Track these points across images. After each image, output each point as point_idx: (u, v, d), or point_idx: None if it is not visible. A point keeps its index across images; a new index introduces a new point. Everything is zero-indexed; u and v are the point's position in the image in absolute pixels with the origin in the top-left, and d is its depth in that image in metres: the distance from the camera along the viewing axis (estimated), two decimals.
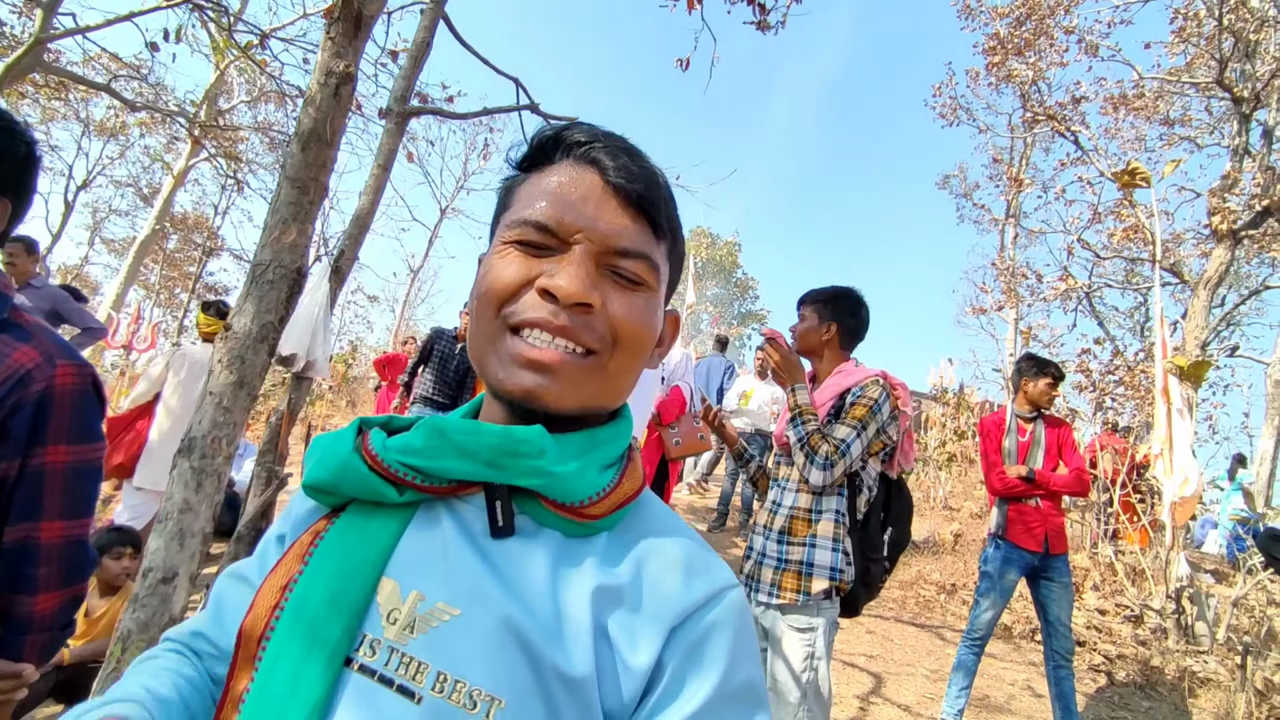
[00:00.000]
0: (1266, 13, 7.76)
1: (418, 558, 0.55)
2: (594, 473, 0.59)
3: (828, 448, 2.18)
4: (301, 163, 1.95)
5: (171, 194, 11.84)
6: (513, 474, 0.55)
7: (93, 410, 1.19)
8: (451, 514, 0.57)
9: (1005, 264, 13.81)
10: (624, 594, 0.54)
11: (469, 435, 0.55)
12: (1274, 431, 11.97)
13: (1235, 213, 7.54)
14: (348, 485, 0.57)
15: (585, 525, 0.57)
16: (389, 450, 0.57)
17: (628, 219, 0.59)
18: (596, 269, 0.58)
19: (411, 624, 0.52)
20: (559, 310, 0.56)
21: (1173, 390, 5.60)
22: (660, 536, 0.60)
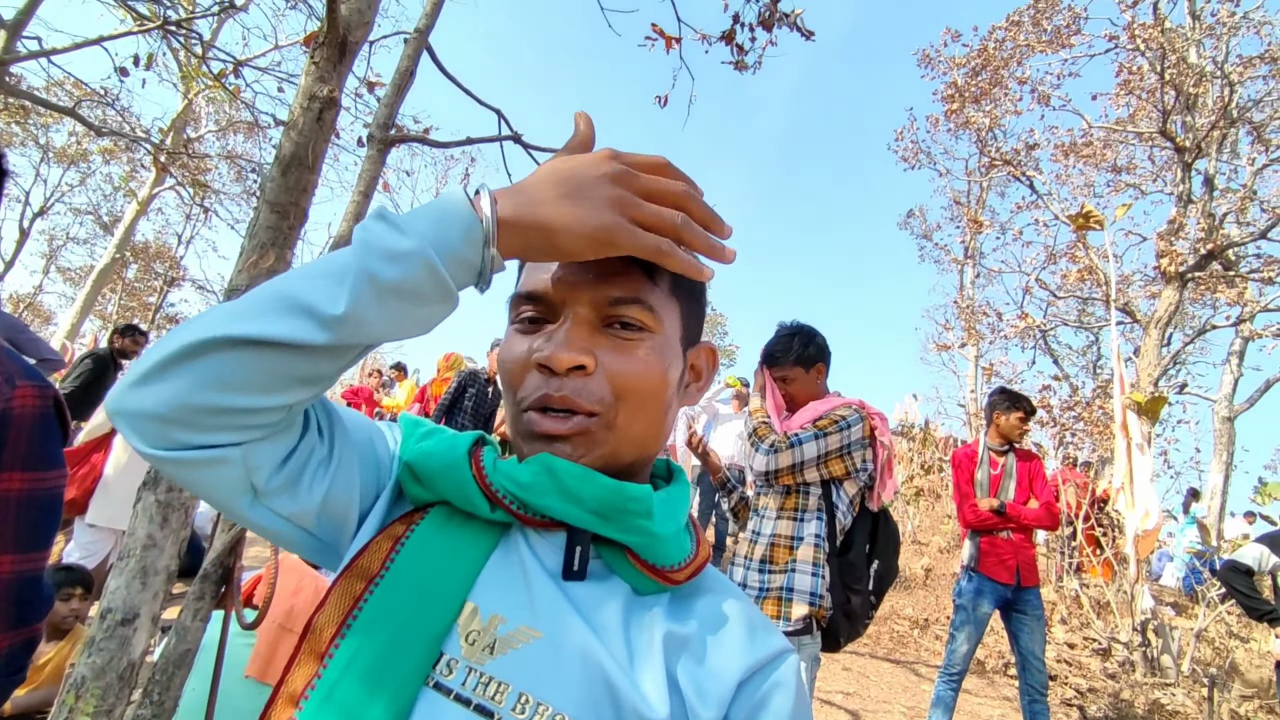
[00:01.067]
0: (1204, 68, 8.25)
1: (497, 581, 0.56)
2: (684, 536, 0.61)
3: (776, 436, 2.24)
4: (282, 187, 1.91)
5: (134, 222, 11.54)
6: (618, 528, 0.56)
7: (53, 435, 1.12)
8: (529, 546, 0.58)
9: (965, 302, 14.20)
10: (691, 646, 0.56)
11: (581, 481, 0.55)
12: (1223, 466, 12.40)
13: (1182, 255, 7.89)
14: (445, 484, 0.58)
15: (662, 587, 0.58)
16: (498, 470, 0.57)
17: (614, 268, 0.59)
18: (592, 330, 0.59)
19: (491, 645, 0.52)
20: (559, 383, 0.57)
21: (1132, 425, 5.77)
22: (721, 596, 0.61)
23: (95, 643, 1.56)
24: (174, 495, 1.68)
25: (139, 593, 1.60)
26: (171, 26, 4.27)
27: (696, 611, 0.59)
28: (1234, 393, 12.94)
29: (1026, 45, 9.71)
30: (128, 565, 1.60)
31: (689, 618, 0.58)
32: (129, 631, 1.59)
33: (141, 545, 1.62)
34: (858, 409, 2.33)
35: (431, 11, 2.53)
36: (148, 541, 1.63)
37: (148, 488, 1.67)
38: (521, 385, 0.59)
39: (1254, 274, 7.97)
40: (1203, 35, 8.37)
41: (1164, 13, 8.29)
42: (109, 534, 3.55)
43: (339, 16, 1.96)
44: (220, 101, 11.45)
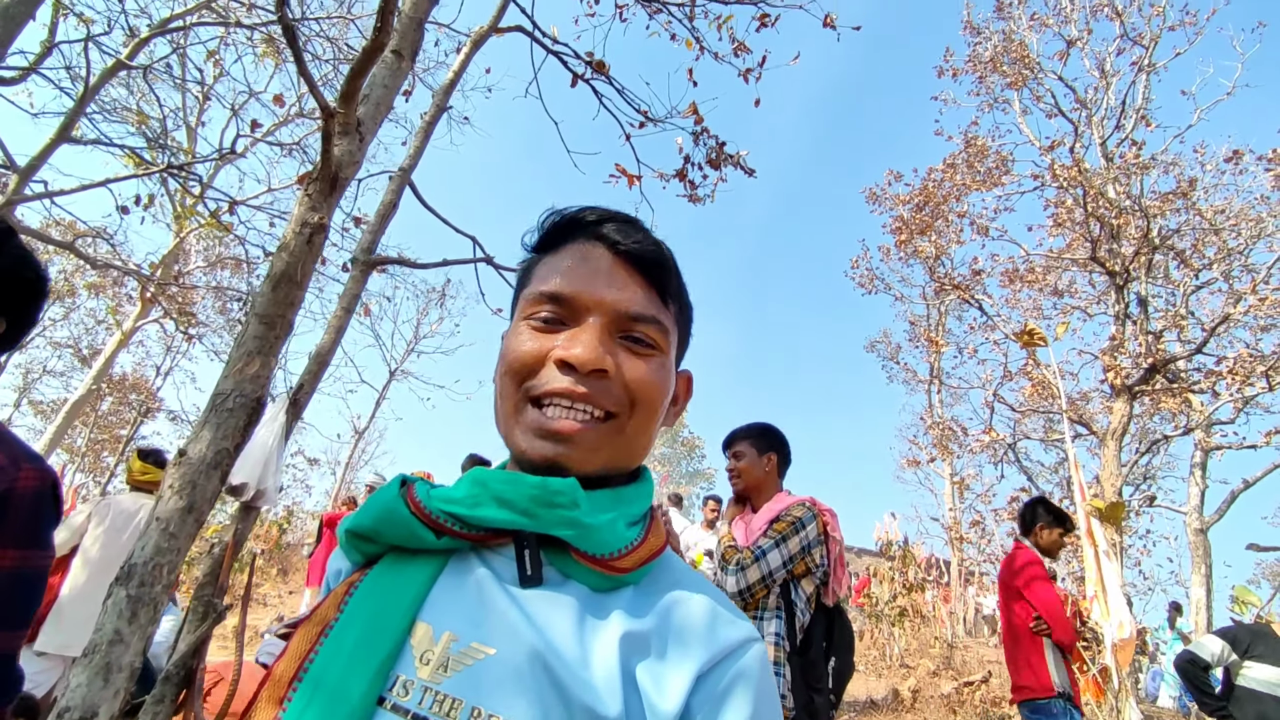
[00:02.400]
0: (1122, 202, 9.10)
1: (451, 601, 0.57)
2: (622, 527, 0.62)
3: (741, 554, 2.30)
4: (271, 300, 2.10)
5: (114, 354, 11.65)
6: (547, 523, 0.57)
7: (48, 516, 1.20)
8: (483, 563, 0.60)
9: (934, 420, 14.54)
10: (650, 641, 0.56)
11: (508, 485, 0.58)
12: (1203, 580, 12.32)
13: (1126, 370, 8.32)
14: (388, 529, 0.60)
15: (612, 578, 0.59)
16: (432, 498, 0.60)
17: (636, 286, 0.64)
18: (610, 338, 0.63)
19: (445, 663, 0.53)
20: (578, 379, 0.60)
21: (1096, 532, 5.86)
22: (685, 589, 0.62)
23: None
24: (145, 590, 1.73)
25: (100, 690, 1.61)
26: (174, 169, 4.63)
27: (658, 607, 0.59)
28: (1202, 504, 13.10)
29: (963, 184, 10.67)
30: (92, 661, 1.62)
31: (650, 614, 0.58)
32: None
33: (108, 640, 1.65)
34: (809, 506, 2.43)
35: (414, 154, 2.86)
36: (114, 637, 1.66)
37: (120, 583, 1.71)
38: (534, 377, 0.62)
39: (1194, 385, 8.40)
40: (1117, 174, 9.30)
41: (1080, 155, 9.25)
42: (59, 662, 3.40)
43: (332, 156, 2.25)
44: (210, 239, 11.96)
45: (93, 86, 4.43)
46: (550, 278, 0.65)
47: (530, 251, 0.72)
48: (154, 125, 6.34)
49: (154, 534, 1.76)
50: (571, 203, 0.72)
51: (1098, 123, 10.12)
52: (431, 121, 3.06)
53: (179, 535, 1.80)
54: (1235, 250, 9.99)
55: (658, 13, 4.02)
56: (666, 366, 0.67)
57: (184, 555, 1.82)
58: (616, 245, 0.66)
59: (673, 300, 0.69)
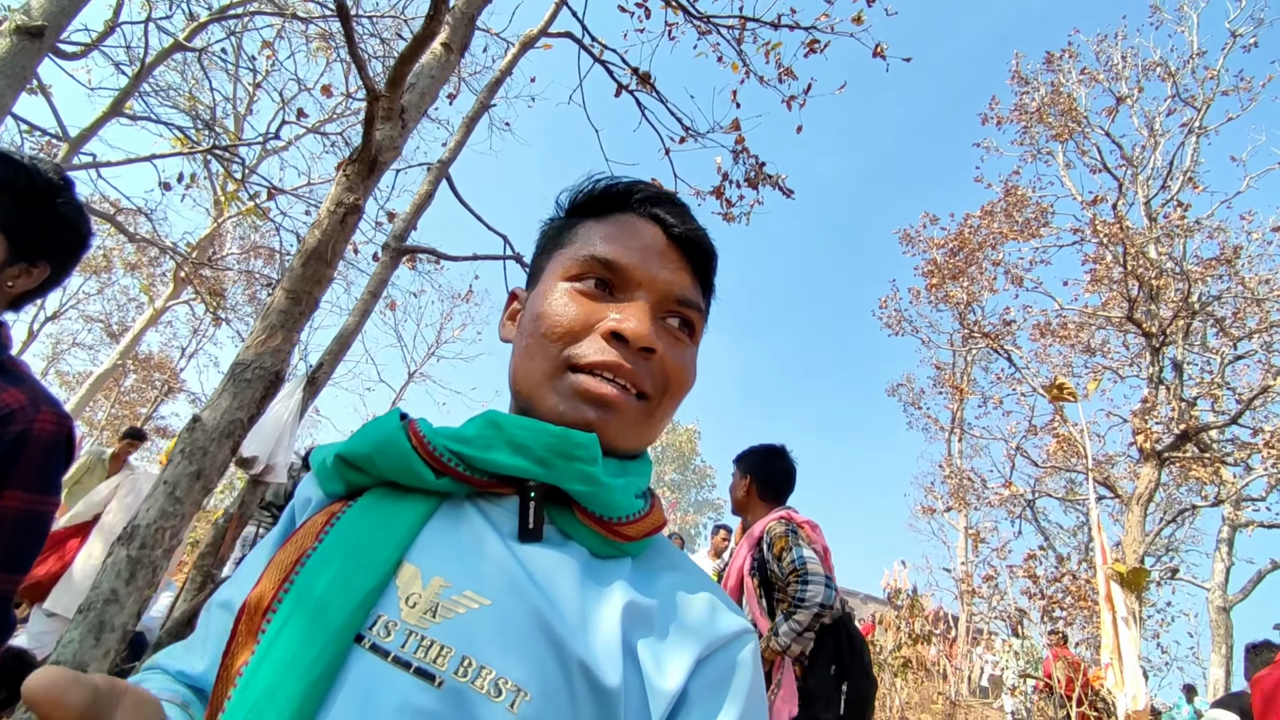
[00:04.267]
0: (1164, 264, 8.94)
1: (442, 546, 0.54)
2: (631, 495, 0.60)
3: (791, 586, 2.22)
4: (300, 276, 2.10)
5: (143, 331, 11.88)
6: (563, 475, 0.55)
7: (59, 463, 1.19)
8: (479, 512, 0.57)
9: (953, 469, 14.26)
10: (653, 617, 0.55)
11: (527, 431, 0.56)
12: (1223, 660, 11.85)
13: (1156, 434, 8.11)
14: (384, 461, 0.56)
15: (615, 544, 0.58)
16: (438, 434, 0.57)
17: (686, 272, 0.64)
18: (654, 318, 0.61)
19: (433, 608, 0.51)
20: (627, 354, 0.58)
21: (1116, 598, 5.65)
22: (684, 573, 0.61)
23: None
24: (145, 553, 1.71)
25: (92, 648, 1.59)
26: (219, 150, 4.72)
27: (659, 586, 0.58)
28: (1226, 582, 12.66)
29: (1000, 233, 10.56)
30: (86, 618, 1.60)
31: (651, 591, 0.57)
32: None
33: (104, 599, 1.63)
34: (784, 520, 2.40)
35: (455, 148, 2.88)
36: (110, 596, 1.64)
37: (121, 543, 1.69)
38: (576, 344, 0.59)
39: (1227, 457, 8.15)
40: (1160, 234, 9.15)
41: (1123, 212, 9.13)
42: (65, 624, 3.41)
43: (374, 140, 2.26)
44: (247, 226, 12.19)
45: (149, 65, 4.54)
46: (603, 244, 0.63)
47: (566, 213, 0.70)
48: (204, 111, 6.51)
49: (160, 497, 1.75)
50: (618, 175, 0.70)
51: (1143, 181, 9.98)
52: (474, 117, 3.08)
53: (185, 500, 1.78)
54: (1278, 323, 9.74)
55: (707, 33, 4.04)
56: (695, 356, 0.66)
57: (188, 521, 1.80)
58: (671, 227, 0.64)
59: (710, 292, 0.69)
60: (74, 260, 1.29)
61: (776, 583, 2.38)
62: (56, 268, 1.25)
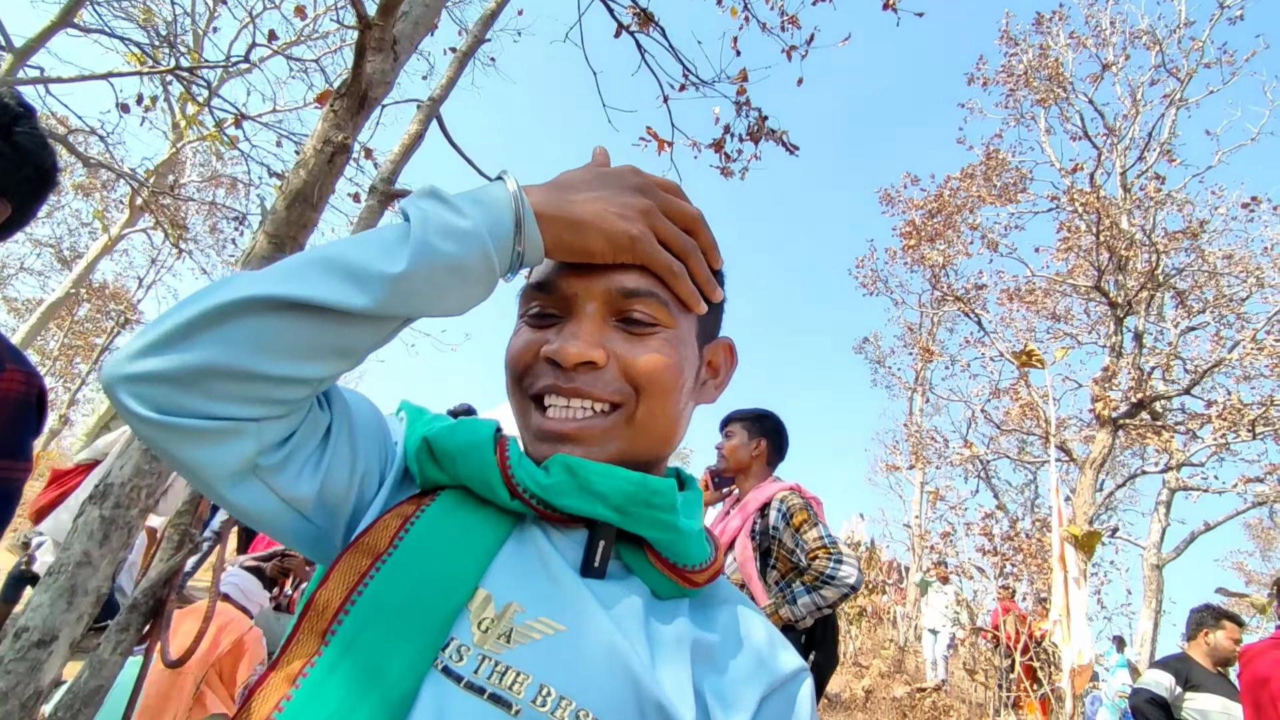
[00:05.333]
0: (1134, 235, 9.08)
1: (513, 571, 0.54)
2: (704, 537, 0.60)
3: (819, 561, 2.21)
4: (284, 220, 1.95)
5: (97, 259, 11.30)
6: (641, 523, 0.55)
7: (29, 425, 1.09)
8: (547, 538, 0.56)
9: (914, 428, 14.62)
10: (716, 655, 0.55)
11: (602, 478, 0.54)
12: (1152, 614, 12.60)
13: (1114, 402, 8.36)
14: (466, 465, 0.55)
15: (682, 589, 0.57)
16: (521, 466, 0.55)
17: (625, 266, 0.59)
18: (604, 324, 0.58)
19: (508, 633, 0.50)
20: (564, 375, 0.56)
21: (1069, 559, 5.90)
22: (738, 606, 0.61)
23: (3, 663, 1.43)
24: (120, 512, 1.60)
25: (62, 613, 1.50)
26: (181, 71, 4.39)
27: (719, 621, 0.58)
28: (1162, 541, 13.36)
29: (978, 196, 10.59)
30: (56, 582, 1.50)
31: (712, 627, 0.57)
32: (42, 654, 1.47)
33: (75, 562, 1.53)
34: (797, 494, 2.40)
35: (446, 84, 2.69)
36: (83, 558, 1.54)
37: (93, 501, 1.59)
38: (528, 374, 0.59)
39: (1179, 425, 8.48)
40: (1133, 205, 9.26)
41: (1099, 182, 9.20)
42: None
43: (364, 73, 2.08)
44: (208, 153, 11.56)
45: None
46: (539, 270, 0.61)
47: None
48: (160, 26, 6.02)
49: (134, 453, 1.64)
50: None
51: (1121, 151, 10.03)
52: (468, 52, 2.88)
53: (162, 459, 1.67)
54: (1231, 298, 10.03)
55: None
56: (675, 341, 0.60)
57: (165, 480, 1.69)
58: None
59: None
60: (38, 198, 1.16)
61: (779, 552, 2.38)
62: (18, 206, 1.11)
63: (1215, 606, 3.79)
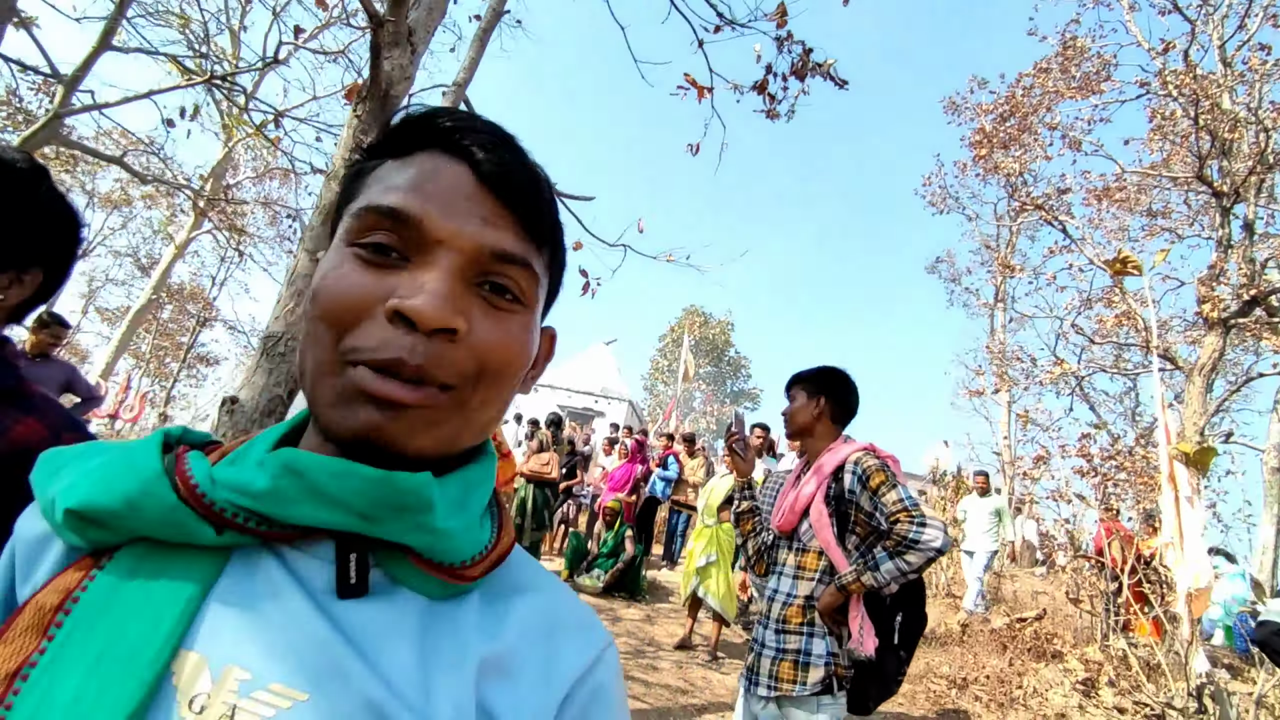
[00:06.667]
0: (1239, 114, 8.16)
1: (235, 621, 0.42)
2: (476, 527, 0.50)
3: (900, 525, 2.11)
4: (322, 235, 1.94)
5: (170, 265, 11.93)
6: (394, 530, 0.44)
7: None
8: (282, 566, 0.45)
9: (997, 347, 13.97)
10: (507, 664, 0.47)
11: (338, 479, 0.43)
12: (1274, 519, 11.83)
13: (1223, 301, 7.70)
14: (139, 518, 0.42)
15: (458, 587, 0.48)
16: (217, 484, 0.43)
17: (506, 221, 0.49)
18: (463, 284, 0.47)
19: (230, 713, 0.39)
20: (416, 341, 0.44)
21: (1180, 477, 5.54)
22: (536, 592, 0.53)
23: None
24: None
25: None
26: (217, 80, 4.44)
27: (511, 618, 0.50)
28: None
29: (1055, 92, 9.71)
30: None
31: (504, 629, 0.49)
32: None
33: None
34: (874, 455, 2.28)
35: (470, 66, 2.59)
36: None
37: None
38: (354, 332, 0.45)
39: None
40: (1235, 82, 8.30)
41: (1195, 60, 8.26)
42: None
43: (382, 73, 2.01)
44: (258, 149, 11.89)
45: None
46: (389, 191, 0.47)
47: (366, 154, 0.53)
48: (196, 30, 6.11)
49: None
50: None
51: (1218, 21, 8.93)
52: (488, 28, 2.76)
53: None
54: None
55: None
56: (530, 327, 0.51)
57: None
58: (481, 165, 0.48)
59: (546, 243, 0.53)
60: (70, 258, 1.14)
61: (856, 516, 2.29)
62: (50, 270, 1.10)
63: None
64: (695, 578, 5.83)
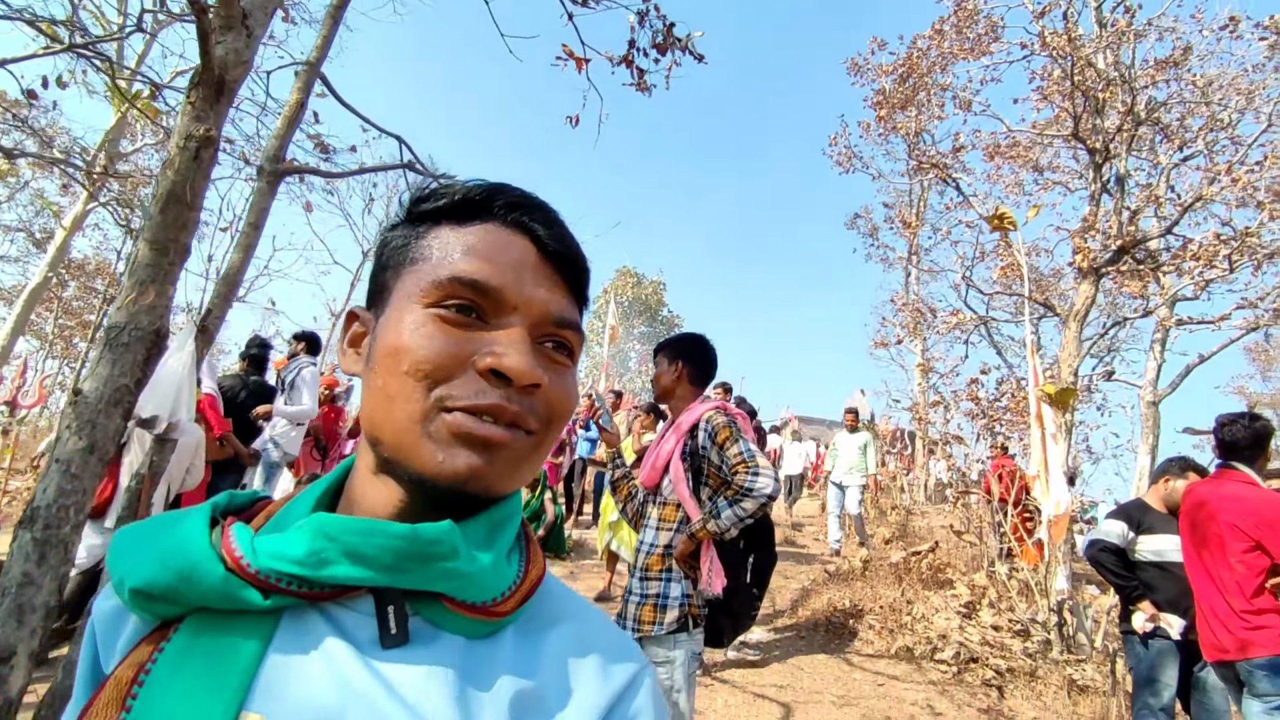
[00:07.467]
0: (1110, 74, 8.69)
1: (290, 682, 0.45)
2: (504, 564, 0.54)
3: (739, 475, 2.34)
4: (160, 225, 1.96)
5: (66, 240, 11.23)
6: (423, 579, 0.49)
7: None
8: (329, 622, 0.49)
9: (907, 300, 14.62)
10: (544, 697, 0.50)
11: (365, 537, 0.47)
12: (1149, 449, 13.00)
13: (1094, 252, 8.29)
14: (195, 591, 0.46)
15: (492, 624, 0.52)
16: (259, 554, 0.47)
17: (562, 290, 0.57)
18: (533, 344, 0.54)
19: None
20: (511, 394, 0.51)
21: (1046, 416, 6.08)
22: (569, 621, 0.56)
23: None
24: (51, 533, 1.72)
25: (15, 630, 1.64)
26: (79, 49, 4.22)
27: (545, 651, 0.53)
28: (1158, 378, 13.59)
29: (950, 53, 10.09)
30: (3, 604, 1.64)
31: (538, 662, 0.52)
32: (6, 670, 1.62)
33: (18, 583, 1.66)
34: (723, 413, 2.50)
35: (322, 45, 2.59)
36: (24, 579, 1.67)
37: (24, 526, 1.71)
38: (449, 384, 0.50)
39: (1160, 268, 8.43)
40: (1109, 42, 8.81)
41: (1073, 20, 8.71)
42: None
43: (214, 57, 2.02)
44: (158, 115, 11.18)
45: None
46: (468, 261, 0.53)
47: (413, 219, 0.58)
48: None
49: (55, 476, 1.74)
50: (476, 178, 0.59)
51: None
52: (340, 4, 2.75)
53: (81, 476, 1.77)
54: (1222, 123, 9.70)
55: None
56: (576, 379, 0.59)
57: (90, 495, 1.80)
58: (542, 240, 0.56)
59: (586, 307, 0.61)
60: None
61: (708, 469, 2.51)
62: None
63: (1185, 458, 3.90)
64: (609, 532, 6.08)
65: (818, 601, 6.72)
